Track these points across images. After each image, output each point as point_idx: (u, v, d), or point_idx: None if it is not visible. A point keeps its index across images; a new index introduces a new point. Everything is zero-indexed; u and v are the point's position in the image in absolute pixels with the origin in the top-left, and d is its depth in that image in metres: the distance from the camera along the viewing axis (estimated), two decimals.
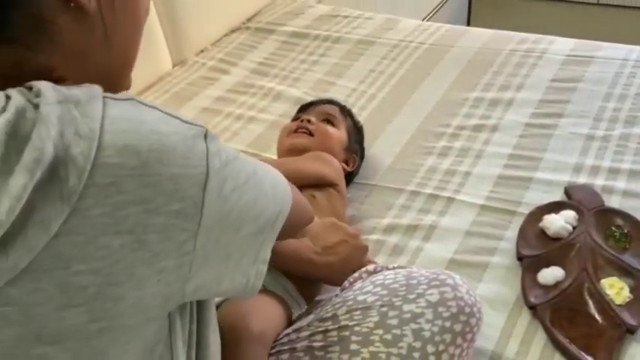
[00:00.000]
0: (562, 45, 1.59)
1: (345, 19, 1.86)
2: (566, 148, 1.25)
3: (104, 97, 0.45)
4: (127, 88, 0.58)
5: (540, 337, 0.90)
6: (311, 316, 0.82)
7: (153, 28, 1.60)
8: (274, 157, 1.23)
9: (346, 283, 0.88)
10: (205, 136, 0.49)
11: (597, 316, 0.89)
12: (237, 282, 0.55)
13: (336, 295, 0.85)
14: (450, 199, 1.16)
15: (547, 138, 1.29)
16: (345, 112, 1.25)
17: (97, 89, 0.46)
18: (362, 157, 1.24)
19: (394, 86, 1.52)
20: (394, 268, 0.87)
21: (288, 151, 1.14)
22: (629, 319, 0.88)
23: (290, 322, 0.84)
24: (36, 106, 0.41)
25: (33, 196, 0.39)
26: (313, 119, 1.17)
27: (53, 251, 0.41)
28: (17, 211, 0.39)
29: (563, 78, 1.46)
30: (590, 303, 0.91)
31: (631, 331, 0.88)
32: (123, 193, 0.43)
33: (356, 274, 0.89)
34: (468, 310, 0.78)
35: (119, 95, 0.47)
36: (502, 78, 1.49)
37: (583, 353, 0.85)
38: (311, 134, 1.14)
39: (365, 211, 1.15)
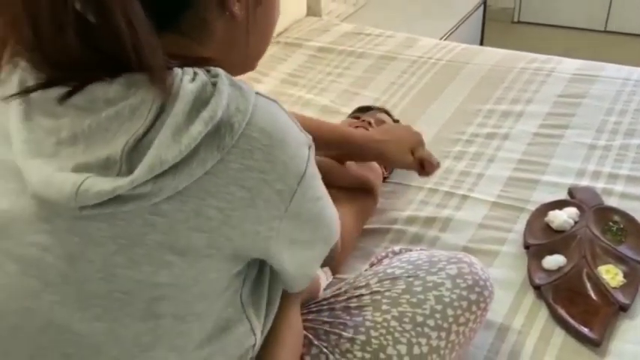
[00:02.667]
0: (569, 65, 1.73)
1: (368, 36, 2.01)
2: (571, 155, 1.38)
3: (256, 93, 0.59)
4: (253, 69, 0.74)
5: (543, 314, 1.02)
6: (346, 286, 0.94)
7: None
8: None
9: (374, 260, 1.01)
10: (309, 147, 0.63)
11: (594, 296, 1.01)
12: (292, 270, 0.67)
13: (366, 270, 0.98)
14: (465, 197, 1.29)
15: (553, 146, 1.42)
16: (396, 122, 1.38)
17: (249, 85, 0.60)
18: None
19: (414, 97, 1.66)
20: (417, 250, 1.00)
21: None
22: (622, 298, 1.00)
23: (318, 289, 0.96)
24: (214, 84, 0.55)
25: (201, 141, 0.53)
26: (373, 122, 1.29)
27: (200, 184, 0.54)
28: (191, 148, 0.52)
29: (569, 94, 1.60)
30: (588, 285, 1.03)
31: (623, 309, 0.99)
32: (253, 159, 0.56)
33: (383, 253, 1.02)
34: (482, 283, 0.90)
35: (267, 94, 0.62)
36: (513, 93, 1.63)
37: (581, 325, 0.97)
38: None
39: (389, 204, 1.28)
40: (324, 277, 1.04)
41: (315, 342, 0.82)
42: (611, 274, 1.05)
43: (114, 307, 0.56)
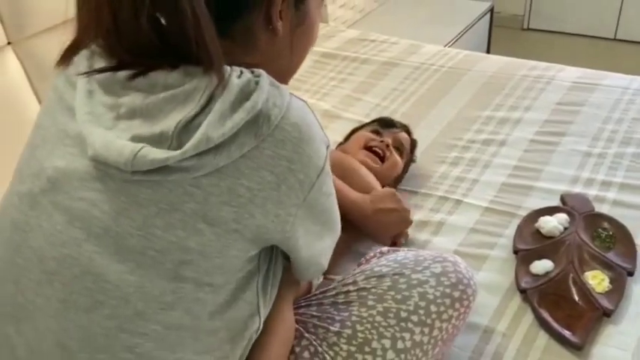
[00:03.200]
0: (570, 73, 1.74)
1: (373, 42, 2.04)
2: (566, 163, 1.39)
3: (290, 93, 0.66)
4: (286, 84, 0.80)
5: (528, 317, 1.04)
6: (335, 283, 0.97)
7: None
8: None
9: (363, 260, 1.04)
10: (327, 146, 0.70)
11: (579, 301, 1.03)
12: (305, 258, 0.74)
13: (355, 269, 1.01)
14: (458, 201, 1.31)
15: (549, 153, 1.43)
16: (412, 144, 1.39)
17: (286, 87, 0.67)
18: (400, 180, 1.37)
19: (414, 103, 1.69)
20: (404, 250, 1.03)
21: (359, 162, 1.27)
22: (606, 304, 1.02)
23: (310, 289, 0.99)
24: (256, 82, 0.63)
25: (242, 127, 0.61)
26: (390, 144, 1.30)
27: (236, 165, 0.61)
28: (233, 132, 0.60)
29: (568, 102, 1.61)
30: (574, 290, 1.05)
31: (607, 314, 1.01)
32: (283, 149, 0.63)
33: (371, 254, 1.05)
34: (465, 281, 0.92)
35: (299, 96, 0.69)
36: (512, 100, 1.65)
37: (564, 329, 0.98)
38: (383, 159, 1.28)
39: None
40: (316, 278, 1.07)
41: (305, 334, 0.85)
42: (598, 280, 1.06)
43: (146, 264, 0.62)
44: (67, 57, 0.69)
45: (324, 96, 1.77)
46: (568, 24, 3.25)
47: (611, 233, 1.16)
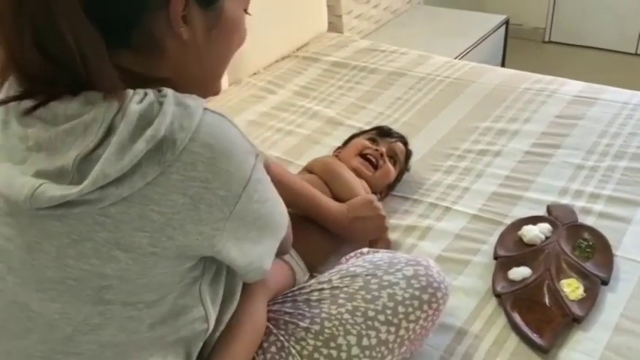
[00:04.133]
0: (572, 87, 1.77)
1: (383, 52, 2.10)
2: (557, 174, 1.42)
3: (205, 108, 0.65)
4: (216, 92, 0.79)
5: (501, 321, 1.07)
6: (312, 280, 1.03)
7: None
8: (303, 164, 1.46)
9: (343, 260, 1.09)
10: (256, 155, 0.70)
11: (550, 306, 1.06)
12: (243, 264, 0.74)
13: (334, 267, 1.06)
14: (447, 208, 1.36)
15: (542, 165, 1.46)
16: (407, 155, 1.44)
17: (202, 102, 0.66)
18: (392, 188, 1.42)
19: (416, 113, 1.74)
20: (382, 252, 1.08)
21: (352, 170, 1.32)
22: (577, 310, 1.05)
23: (294, 284, 1.05)
24: (160, 104, 0.62)
25: (143, 157, 0.60)
26: (384, 154, 1.35)
27: (143, 192, 0.61)
28: (133, 164, 0.60)
29: (566, 115, 1.64)
30: (547, 296, 1.08)
31: (577, 320, 1.04)
32: (194, 171, 0.63)
33: (352, 254, 1.10)
34: (435, 285, 0.96)
35: (216, 109, 0.67)
36: (512, 112, 1.68)
37: (533, 333, 1.02)
38: (376, 167, 1.34)
39: None
40: (302, 275, 1.13)
41: (274, 330, 0.90)
42: (572, 288, 1.10)
43: (66, 292, 0.64)
44: None
45: (331, 103, 1.83)
46: (589, 38, 3.25)
47: (591, 244, 1.19)
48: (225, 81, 1.96)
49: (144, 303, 0.67)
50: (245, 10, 0.75)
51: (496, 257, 1.19)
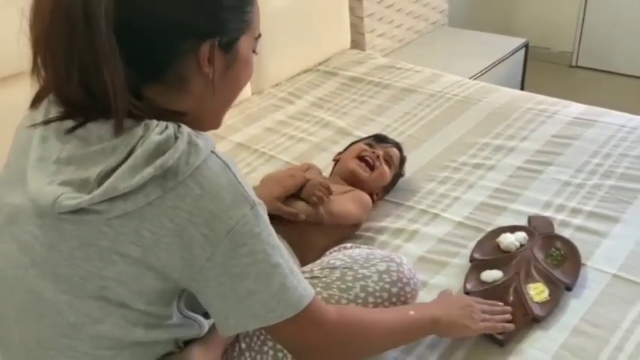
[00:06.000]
0: (574, 109, 1.85)
1: (398, 70, 2.22)
2: (544, 189, 1.51)
3: (212, 152, 0.74)
4: (217, 127, 0.87)
5: None
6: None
7: None
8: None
9: (327, 253, 1.21)
10: (251, 208, 0.74)
11: (513, 306, 1.15)
12: (216, 313, 0.78)
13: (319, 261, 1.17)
14: (436, 215, 1.46)
15: (532, 180, 1.55)
16: (402, 160, 1.55)
17: (212, 145, 0.74)
18: (388, 191, 1.54)
19: (421, 127, 1.85)
20: (362, 247, 1.19)
21: (349, 172, 1.46)
22: (538, 311, 1.14)
23: None
24: (176, 139, 0.72)
25: (149, 180, 0.70)
26: (381, 156, 1.47)
27: (142, 211, 0.71)
28: (140, 184, 0.69)
29: (563, 135, 1.72)
30: (512, 297, 1.17)
31: (537, 320, 1.13)
32: (184, 202, 0.71)
33: (336, 248, 1.22)
34: (405, 280, 1.06)
35: (223, 156, 0.75)
36: (512, 130, 1.77)
37: None
38: (372, 168, 1.46)
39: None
40: None
41: None
42: (537, 291, 1.18)
43: (74, 287, 0.75)
44: (36, 101, 0.79)
45: (343, 115, 1.96)
46: (617, 63, 3.28)
47: (562, 253, 1.27)
48: (248, 90, 2.11)
49: (136, 308, 0.76)
50: (254, 51, 0.85)
51: (472, 260, 1.29)
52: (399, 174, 1.54)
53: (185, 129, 0.74)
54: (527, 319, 1.13)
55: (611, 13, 3.17)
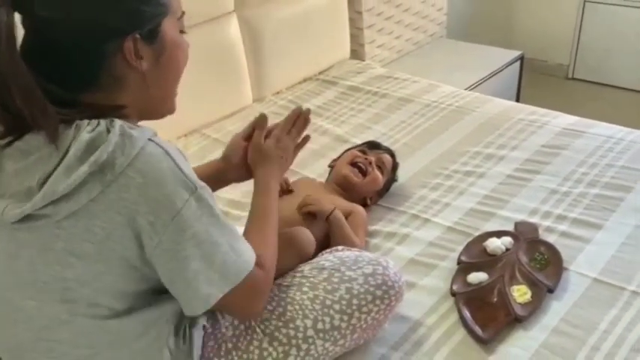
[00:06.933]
0: (563, 120, 1.91)
1: (396, 80, 2.28)
2: (531, 197, 1.56)
3: (149, 139, 0.76)
4: (171, 111, 0.91)
5: (454, 317, 1.22)
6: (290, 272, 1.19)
7: (241, 71, 2.11)
8: (311, 175, 1.65)
9: (319, 254, 1.26)
10: (193, 192, 0.78)
11: (497, 306, 1.21)
12: (176, 292, 0.83)
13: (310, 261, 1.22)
14: (427, 220, 1.52)
15: (520, 187, 1.61)
16: (394, 166, 1.61)
17: (148, 133, 0.77)
18: (381, 195, 1.60)
19: (416, 135, 1.91)
20: (352, 250, 1.24)
21: (343, 178, 1.52)
22: (520, 311, 1.19)
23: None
24: (108, 132, 0.75)
25: (87, 177, 0.73)
26: (373, 162, 1.53)
27: (87, 208, 0.75)
28: (77, 183, 0.73)
29: (552, 145, 1.78)
30: (496, 298, 1.23)
31: (519, 320, 1.19)
32: (127, 192, 0.75)
33: (328, 250, 1.27)
34: (390, 283, 1.10)
35: (163, 143, 0.78)
36: (503, 139, 1.84)
37: (477, 326, 1.17)
38: (364, 174, 1.52)
39: None
40: None
41: None
42: (521, 293, 1.24)
43: (39, 292, 0.80)
44: None
45: (341, 123, 2.02)
46: (613, 76, 3.34)
47: (546, 257, 1.33)
48: (249, 97, 2.18)
49: (104, 304, 0.80)
50: (181, 31, 0.88)
51: (459, 262, 1.35)
52: (392, 179, 1.60)
53: (117, 122, 0.76)
54: (510, 319, 1.19)
55: (607, 26, 3.24)
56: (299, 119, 1.21)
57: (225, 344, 0.98)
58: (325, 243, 1.33)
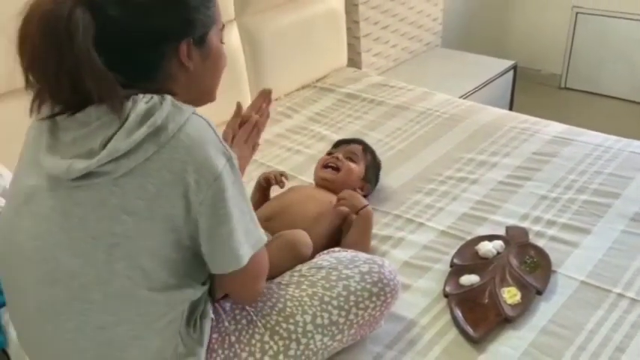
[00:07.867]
0: (554, 128, 1.96)
1: (392, 88, 2.34)
2: (523, 203, 1.62)
3: (193, 113, 0.89)
4: (212, 100, 1.04)
5: (447, 317, 1.27)
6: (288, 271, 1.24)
7: (241, 77, 2.15)
8: (309, 180, 1.70)
9: (318, 254, 1.31)
10: (228, 159, 0.89)
11: (487, 306, 1.26)
12: (207, 258, 0.93)
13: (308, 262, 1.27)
14: (421, 224, 1.56)
15: (511, 193, 1.66)
16: (367, 150, 1.67)
17: (193, 108, 0.90)
18: (376, 183, 1.67)
19: (411, 142, 1.96)
20: (348, 251, 1.29)
21: (322, 180, 1.59)
22: (509, 312, 1.24)
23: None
24: (161, 104, 0.87)
25: (145, 138, 0.84)
26: (341, 156, 1.60)
27: (143, 166, 0.85)
28: (137, 142, 0.84)
29: (543, 152, 1.83)
30: (487, 299, 1.28)
31: (509, 320, 1.23)
32: (177, 153, 0.86)
33: (325, 251, 1.32)
34: (385, 281, 1.15)
35: (204, 116, 0.90)
36: (495, 146, 1.89)
37: (468, 326, 1.22)
38: (337, 169, 1.58)
39: None
40: None
41: (247, 308, 1.08)
42: (511, 294, 1.29)
43: (87, 249, 0.86)
44: (34, 109, 0.91)
45: (339, 129, 2.07)
46: (605, 86, 3.40)
47: (535, 260, 1.38)
48: (248, 103, 2.21)
49: (141, 266, 0.87)
50: (221, 41, 1.02)
51: (452, 265, 1.39)
52: (373, 163, 1.65)
53: (168, 97, 0.88)
54: (500, 320, 1.24)
55: (599, 36, 3.31)
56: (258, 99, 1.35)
57: (229, 337, 1.03)
58: (328, 244, 1.38)
